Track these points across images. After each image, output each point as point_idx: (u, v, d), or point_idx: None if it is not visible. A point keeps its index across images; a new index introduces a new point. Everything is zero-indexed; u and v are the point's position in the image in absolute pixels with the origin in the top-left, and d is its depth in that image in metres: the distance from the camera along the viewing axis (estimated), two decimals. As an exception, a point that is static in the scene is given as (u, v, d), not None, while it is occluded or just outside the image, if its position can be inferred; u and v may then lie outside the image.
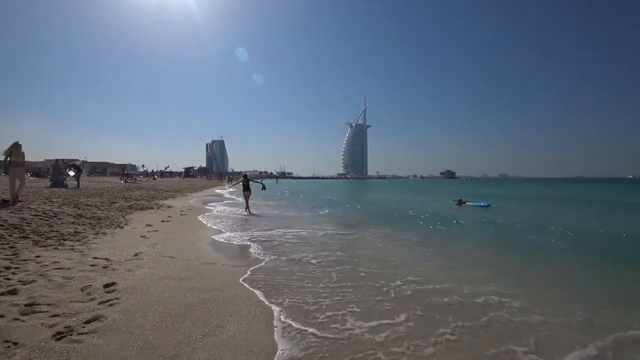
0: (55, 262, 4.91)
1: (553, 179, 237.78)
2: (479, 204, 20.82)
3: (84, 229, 7.80)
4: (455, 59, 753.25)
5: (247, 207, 14.27)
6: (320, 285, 4.70)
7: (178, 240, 7.42)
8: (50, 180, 21.33)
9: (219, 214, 13.41)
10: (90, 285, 3.96)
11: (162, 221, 10.05)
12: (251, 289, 4.40)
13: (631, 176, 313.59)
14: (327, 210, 16.86)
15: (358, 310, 3.80)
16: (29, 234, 6.55)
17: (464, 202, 21.43)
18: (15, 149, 10.99)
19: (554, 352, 3.02)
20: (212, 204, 18.33)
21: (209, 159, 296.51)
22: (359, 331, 3.28)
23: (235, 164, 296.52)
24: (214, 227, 9.83)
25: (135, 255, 5.78)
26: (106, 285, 4.02)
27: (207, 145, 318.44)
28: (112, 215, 10.18)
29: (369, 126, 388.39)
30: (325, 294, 4.30)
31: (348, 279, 5.02)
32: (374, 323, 3.46)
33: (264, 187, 16.68)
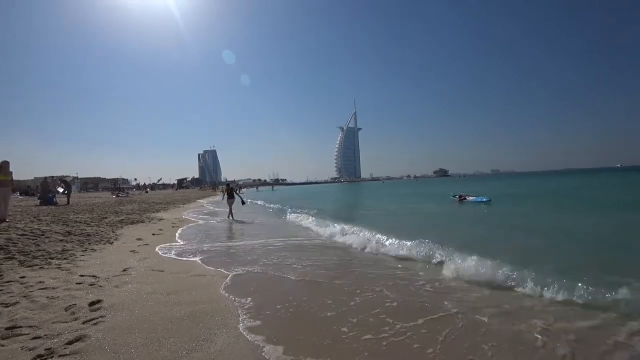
0: (40, 282, 4.81)
1: (544, 172, 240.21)
2: (478, 199, 20.82)
3: (72, 247, 7.66)
4: (443, 57, 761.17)
5: (230, 214, 15.07)
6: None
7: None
8: (38, 199, 21.07)
9: (207, 224, 13.33)
10: (75, 304, 3.88)
11: (153, 234, 9.94)
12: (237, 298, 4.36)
13: (619, 165, 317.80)
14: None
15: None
16: (14, 255, 6.42)
17: (465, 198, 21.43)
18: (2, 167, 10.81)
19: None
20: (202, 215, 18.19)
21: (201, 169, 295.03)
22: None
23: (228, 173, 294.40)
24: (202, 239, 9.77)
25: (124, 270, 5.69)
26: (92, 304, 3.93)
27: (199, 155, 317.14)
28: (102, 231, 10.03)
29: (360, 129, 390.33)
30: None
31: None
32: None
33: (243, 202, 17.04)
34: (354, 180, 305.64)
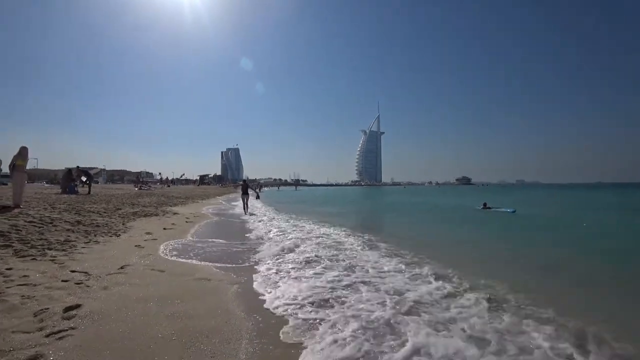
0: (25, 275, 4.22)
1: (571, 185, 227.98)
2: (503, 209, 19.96)
3: (76, 237, 7.17)
4: (471, 61, 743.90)
5: (245, 208, 16.52)
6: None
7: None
8: (61, 187, 21.22)
9: (221, 221, 12.74)
10: (48, 309, 3.21)
11: (164, 229, 9.39)
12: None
13: None
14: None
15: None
16: (12, 242, 5.94)
17: (489, 208, 20.47)
18: (21, 153, 10.57)
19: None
20: (219, 210, 17.69)
21: (224, 166, 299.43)
22: None
23: (250, 171, 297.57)
24: (211, 238, 9.13)
25: (121, 268, 5.05)
26: (67, 309, 3.26)
27: (222, 153, 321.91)
28: (112, 222, 9.58)
29: (383, 133, 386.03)
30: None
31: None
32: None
33: (258, 197, 18.66)
34: (374, 184, 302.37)
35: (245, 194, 17.02)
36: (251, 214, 15.96)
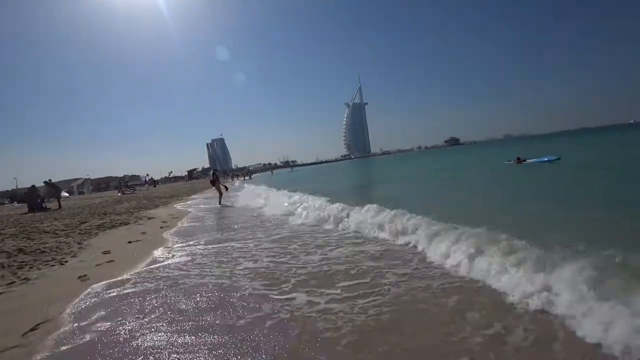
0: None
1: (558, 133, 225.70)
2: (543, 159, 17.72)
3: (1, 275, 5.34)
4: (447, 21, 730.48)
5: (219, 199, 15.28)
6: None
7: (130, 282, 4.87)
8: (27, 206, 19.16)
9: (202, 223, 10.93)
10: None
11: (129, 242, 7.53)
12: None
13: (632, 121, 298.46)
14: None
15: None
16: None
17: (523, 160, 18.55)
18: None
19: None
20: (201, 207, 15.81)
21: (211, 158, 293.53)
22: None
23: (238, 159, 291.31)
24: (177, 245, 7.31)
25: (32, 330, 3.26)
26: None
27: (207, 145, 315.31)
28: (66, 243, 7.70)
29: (367, 103, 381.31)
30: None
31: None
32: None
33: (226, 189, 16.93)
34: (364, 155, 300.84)
35: (217, 181, 15.99)
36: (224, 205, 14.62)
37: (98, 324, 3.33)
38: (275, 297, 3.67)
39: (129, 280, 4.70)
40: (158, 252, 6.35)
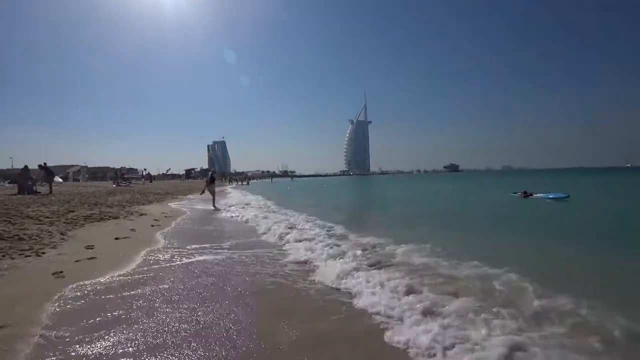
0: None
1: (557, 170, 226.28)
2: (551, 195, 17.14)
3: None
4: (455, 53, 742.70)
5: (213, 203, 15.08)
6: None
7: (107, 285, 4.34)
8: (18, 187, 18.52)
9: (192, 225, 10.39)
10: None
11: (116, 238, 6.99)
12: None
13: (629, 165, 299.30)
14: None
15: None
16: None
17: (530, 195, 18.13)
18: None
19: None
20: (196, 206, 15.25)
21: (210, 160, 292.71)
22: None
23: (237, 164, 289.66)
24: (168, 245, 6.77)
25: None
26: None
27: (208, 146, 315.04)
28: (47, 232, 7.14)
29: (370, 122, 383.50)
30: None
31: None
32: None
33: (202, 192, 17.28)
34: (363, 173, 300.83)
35: (212, 183, 16.14)
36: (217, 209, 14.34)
37: (65, 337, 2.81)
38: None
39: (108, 284, 4.17)
40: (143, 254, 5.80)
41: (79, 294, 3.82)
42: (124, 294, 3.87)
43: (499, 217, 12.65)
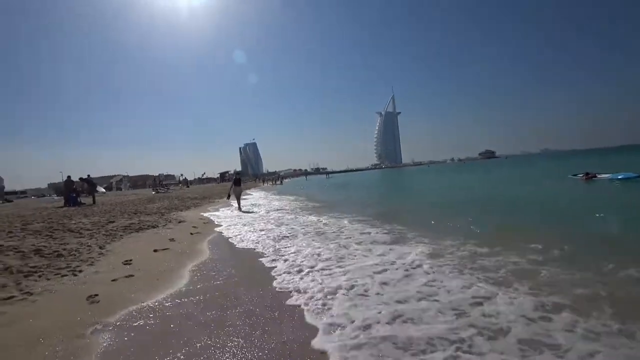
0: None
1: (603, 149, 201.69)
2: (620, 176, 15.21)
3: (4, 282, 4.46)
4: (485, 34, 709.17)
5: (238, 205, 15.53)
6: None
7: (146, 311, 3.79)
8: (64, 199, 19.18)
9: (230, 235, 9.91)
10: None
11: (155, 250, 6.57)
12: None
13: None
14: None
15: None
16: None
17: (594, 176, 16.54)
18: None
19: None
20: (233, 212, 14.90)
21: (243, 162, 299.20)
22: None
23: (269, 164, 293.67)
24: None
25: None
26: None
27: (240, 149, 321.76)
28: (86, 246, 6.85)
29: (399, 113, 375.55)
30: None
31: None
32: None
33: (228, 196, 17.76)
34: (395, 165, 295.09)
35: (237, 185, 16.31)
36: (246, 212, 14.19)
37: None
38: None
39: (146, 315, 3.61)
40: (184, 273, 5.23)
41: (110, 328, 3.27)
42: (171, 324, 3.28)
43: (587, 206, 10.20)
